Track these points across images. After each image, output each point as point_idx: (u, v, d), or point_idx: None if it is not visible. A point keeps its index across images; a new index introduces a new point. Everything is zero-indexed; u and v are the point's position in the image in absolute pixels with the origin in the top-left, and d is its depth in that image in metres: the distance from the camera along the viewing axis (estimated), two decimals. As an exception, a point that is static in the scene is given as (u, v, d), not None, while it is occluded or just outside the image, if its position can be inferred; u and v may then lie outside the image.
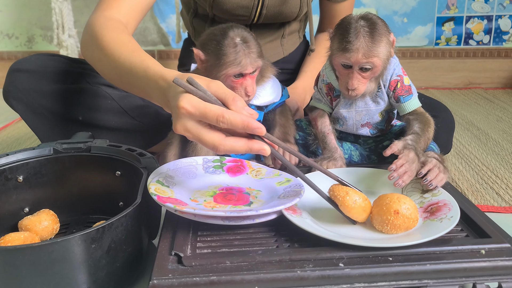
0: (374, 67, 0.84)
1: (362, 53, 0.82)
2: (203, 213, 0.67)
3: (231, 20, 1.21)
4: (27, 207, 0.87)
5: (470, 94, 2.11)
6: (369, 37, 0.82)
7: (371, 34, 0.82)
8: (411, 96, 0.91)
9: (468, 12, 2.18)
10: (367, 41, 0.82)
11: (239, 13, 1.18)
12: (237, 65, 0.85)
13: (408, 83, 0.91)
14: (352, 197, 0.68)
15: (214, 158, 0.88)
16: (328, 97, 0.96)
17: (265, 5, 1.17)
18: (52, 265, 0.61)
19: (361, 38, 0.82)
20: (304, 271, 0.60)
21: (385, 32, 0.84)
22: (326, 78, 0.95)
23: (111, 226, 0.65)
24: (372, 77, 0.86)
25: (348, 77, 0.86)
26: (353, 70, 0.85)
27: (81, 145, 0.89)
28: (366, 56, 0.82)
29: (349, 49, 0.82)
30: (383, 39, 0.84)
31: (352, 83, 0.85)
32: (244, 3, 1.16)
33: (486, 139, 1.49)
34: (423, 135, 0.86)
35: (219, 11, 1.18)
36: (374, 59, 0.83)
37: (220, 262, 0.61)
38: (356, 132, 0.97)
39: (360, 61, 0.83)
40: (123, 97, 1.10)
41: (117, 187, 0.88)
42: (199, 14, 1.29)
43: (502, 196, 1.08)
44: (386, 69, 0.89)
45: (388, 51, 0.85)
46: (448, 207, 0.72)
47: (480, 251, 0.63)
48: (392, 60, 0.90)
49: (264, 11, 1.18)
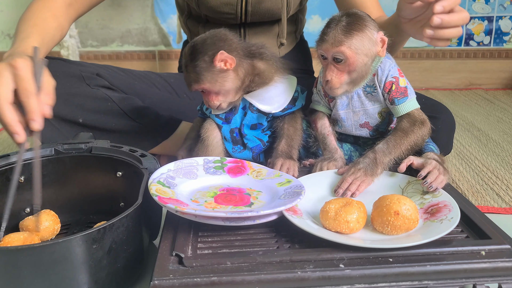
0: (346, 59, 0.84)
1: (331, 43, 0.84)
2: (204, 213, 0.67)
3: (220, 19, 1.22)
4: (28, 207, 0.87)
5: (471, 95, 2.11)
6: (343, 28, 0.84)
7: (346, 26, 0.84)
8: (405, 99, 0.89)
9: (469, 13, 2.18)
10: (339, 32, 0.83)
11: (225, 10, 1.20)
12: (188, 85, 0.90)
13: (404, 84, 0.90)
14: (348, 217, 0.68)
15: (215, 159, 0.88)
16: (326, 98, 0.96)
17: (248, 1, 1.18)
18: (54, 266, 0.61)
19: (335, 28, 0.84)
20: (305, 271, 0.60)
21: (366, 28, 0.84)
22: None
23: (112, 226, 0.65)
24: (349, 71, 0.86)
25: (325, 70, 0.87)
26: (328, 62, 0.86)
27: (82, 146, 0.89)
28: (335, 45, 0.83)
29: (322, 39, 0.85)
30: (359, 33, 0.84)
31: (326, 74, 0.86)
32: (227, 0, 1.17)
33: (486, 140, 1.49)
34: (401, 141, 0.86)
35: (206, 9, 1.20)
36: (343, 48, 0.83)
37: (221, 262, 0.62)
38: (356, 133, 0.97)
39: (329, 50, 0.84)
40: (123, 99, 1.11)
41: (118, 187, 0.88)
42: (192, 16, 1.30)
43: (503, 197, 1.08)
44: (370, 68, 0.88)
45: (368, 47, 0.85)
46: (449, 208, 0.72)
47: (480, 252, 0.63)
48: (387, 61, 0.90)
49: (249, 8, 1.19)
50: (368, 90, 0.92)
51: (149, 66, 2.28)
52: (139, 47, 2.28)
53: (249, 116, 0.95)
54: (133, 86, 1.20)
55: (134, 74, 1.26)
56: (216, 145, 0.96)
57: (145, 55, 2.27)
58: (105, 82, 1.12)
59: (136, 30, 2.25)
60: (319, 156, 0.96)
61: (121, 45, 2.27)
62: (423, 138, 0.88)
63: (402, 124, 0.88)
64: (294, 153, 0.94)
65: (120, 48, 2.27)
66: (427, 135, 0.89)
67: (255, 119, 0.96)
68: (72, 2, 1.07)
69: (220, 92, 0.89)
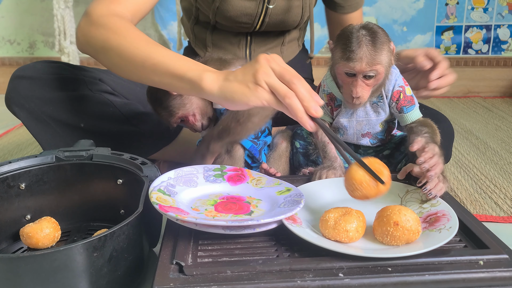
0: (378, 74, 0.86)
1: (366, 62, 0.84)
2: (204, 222, 0.67)
3: (233, 27, 1.22)
4: (28, 214, 0.87)
5: (469, 103, 2.12)
6: (371, 45, 0.84)
7: (373, 42, 0.84)
8: (413, 107, 0.92)
9: (467, 21, 2.20)
10: (370, 49, 0.84)
11: (243, 20, 1.19)
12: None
13: (410, 93, 0.93)
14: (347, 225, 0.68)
15: (215, 167, 0.89)
16: (329, 107, 0.97)
17: (268, 13, 1.18)
18: (54, 274, 0.61)
19: (364, 47, 0.84)
20: (304, 281, 0.60)
21: (386, 41, 0.86)
22: (327, 88, 0.96)
23: (113, 234, 0.66)
24: (375, 85, 0.88)
25: (352, 85, 0.87)
26: (357, 78, 0.86)
27: (83, 153, 0.89)
28: (370, 65, 0.84)
29: (352, 58, 0.84)
30: (384, 47, 0.85)
31: (357, 91, 0.86)
32: (248, 11, 1.17)
33: (484, 148, 1.49)
34: (434, 137, 0.88)
35: (223, 18, 1.19)
36: (378, 66, 0.85)
37: (221, 271, 0.62)
38: (357, 142, 0.97)
39: (364, 69, 0.84)
40: (125, 105, 1.11)
41: (118, 195, 0.88)
42: (200, 21, 1.29)
43: (501, 206, 1.09)
44: (388, 77, 0.90)
45: (389, 58, 0.87)
46: (447, 217, 0.72)
47: (479, 262, 0.64)
48: (393, 71, 0.91)
49: (267, 19, 1.19)
50: (374, 100, 0.93)
51: (149, 72, 2.28)
52: (139, 54, 2.28)
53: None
54: (134, 91, 1.20)
55: (135, 80, 1.27)
56: (240, 158, 0.98)
57: (145, 61, 2.28)
58: (107, 87, 1.12)
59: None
60: (319, 164, 0.97)
61: (121, 51, 2.28)
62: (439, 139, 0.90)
63: (416, 127, 0.90)
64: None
65: (120, 54, 2.28)
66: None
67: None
68: (132, 20, 0.99)
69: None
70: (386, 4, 2.19)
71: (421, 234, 0.70)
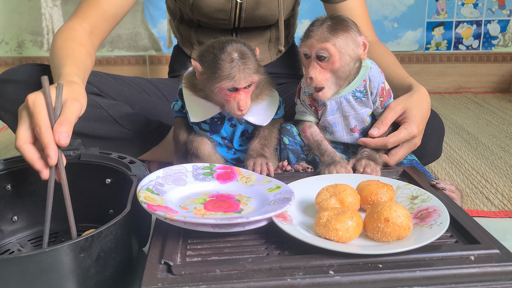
0: (330, 57, 0.85)
1: (316, 38, 0.85)
2: (193, 220, 0.67)
3: (213, 24, 1.22)
4: (15, 215, 0.86)
5: (460, 99, 2.13)
6: (328, 27, 0.86)
7: (331, 26, 0.86)
8: (390, 100, 0.95)
9: (458, 17, 2.20)
10: (325, 30, 0.85)
11: (219, 16, 1.20)
12: (231, 79, 0.85)
13: (388, 87, 0.96)
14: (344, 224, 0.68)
15: (204, 165, 0.88)
16: (312, 108, 0.97)
17: (243, 8, 1.19)
18: (40, 275, 0.60)
19: (320, 27, 0.86)
20: (294, 279, 0.60)
21: (350, 29, 0.87)
22: (307, 89, 0.96)
23: (100, 234, 0.65)
24: (332, 70, 0.87)
25: (308, 68, 0.88)
26: (311, 59, 0.87)
27: (71, 153, 0.88)
28: (321, 41, 0.85)
29: (307, 35, 0.87)
30: (344, 33, 0.86)
31: (309, 72, 0.87)
32: (221, 7, 1.19)
33: (476, 144, 1.50)
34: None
35: (200, 15, 1.21)
36: (328, 45, 0.85)
37: (210, 270, 0.61)
38: (346, 138, 0.97)
39: (314, 45, 0.85)
40: (112, 106, 1.10)
41: (107, 195, 0.87)
42: (185, 21, 1.30)
43: (492, 200, 1.09)
44: (352, 70, 0.90)
45: (352, 49, 0.87)
46: (438, 213, 0.72)
47: (470, 257, 0.63)
48: (374, 67, 0.92)
49: (243, 15, 1.20)
50: (358, 95, 0.92)
51: (140, 71, 2.27)
52: (129, 52, 2.27)
53: (239, 128, 0.99)
54: (122, 92, 1.19)
55: (123, 80, 1.25)
56: (210, 154, 0.96)
57: (136, 60, 2.26)
58: (94, 88, 1.11)
59: (126, 35, 2.25)
60: (317, 164, 0.96)
61: (111, 50, 2.26)
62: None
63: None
64: (266, 151, 0.95)
65: (110, 53, 2.27)
66: None
67: (242, 127, 0.99)
68: (93, 29, 1.08)
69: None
70: (377, 0, 2.19)
71: (412, 230, 0.69)
